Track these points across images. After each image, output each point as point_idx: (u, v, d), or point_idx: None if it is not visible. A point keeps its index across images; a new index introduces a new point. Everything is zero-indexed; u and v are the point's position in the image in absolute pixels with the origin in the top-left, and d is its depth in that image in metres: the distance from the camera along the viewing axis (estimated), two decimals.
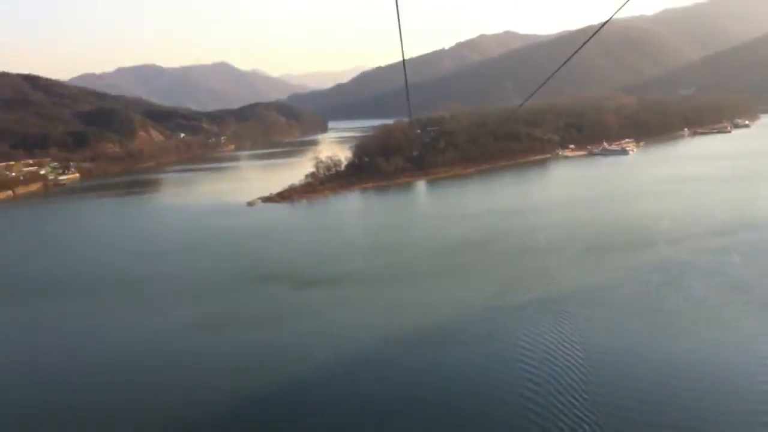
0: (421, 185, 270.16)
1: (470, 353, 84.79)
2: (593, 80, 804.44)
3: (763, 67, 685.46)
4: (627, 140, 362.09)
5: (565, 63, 38.22)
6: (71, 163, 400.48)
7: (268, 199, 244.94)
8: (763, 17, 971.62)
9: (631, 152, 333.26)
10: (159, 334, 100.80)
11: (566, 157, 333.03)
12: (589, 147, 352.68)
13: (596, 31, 34.53)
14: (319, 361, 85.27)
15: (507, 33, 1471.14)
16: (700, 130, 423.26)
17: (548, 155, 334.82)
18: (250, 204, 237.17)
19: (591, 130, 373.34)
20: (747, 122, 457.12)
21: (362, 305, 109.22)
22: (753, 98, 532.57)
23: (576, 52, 35.82)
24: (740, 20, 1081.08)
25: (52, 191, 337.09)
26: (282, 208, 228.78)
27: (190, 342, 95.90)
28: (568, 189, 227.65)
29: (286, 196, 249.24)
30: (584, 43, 34.82)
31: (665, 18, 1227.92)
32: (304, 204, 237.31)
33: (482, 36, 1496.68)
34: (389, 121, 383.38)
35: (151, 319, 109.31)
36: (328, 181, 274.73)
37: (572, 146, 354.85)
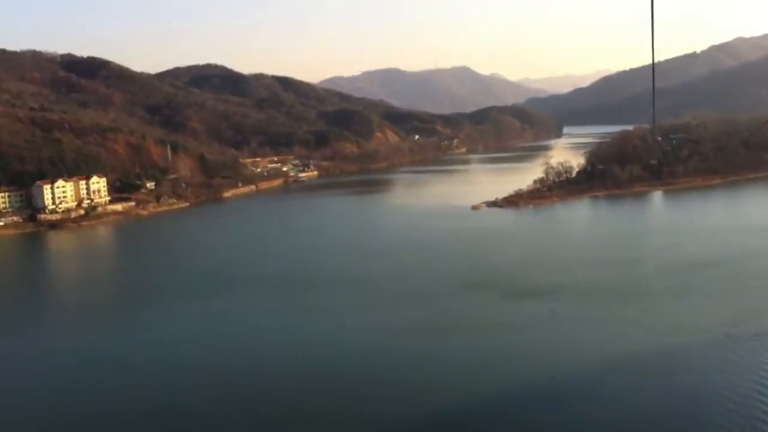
0: (657, 196, 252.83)
1: (698, 383, 75.97)
2: None
3: None
4: None
5: None
6: (311, 161, 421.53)
7: (493, 204, 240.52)
8: None
9: None
10: (382, 333, 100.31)
11: None
12: None
13: None
14: (526, 377, 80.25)
15: (766, 36, 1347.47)
16: None
17: None
18: (474, 208, 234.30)
19: None
20: None
21: (578, 322, 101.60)
22: None
23: None
24: None
25: (291, 187, 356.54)
26: (506, 214, 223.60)
27: (413, 342, 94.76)
28: None
29: (512, 201, 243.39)
30: None
31: None
32: (530, 210, 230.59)
33: (739, 39, 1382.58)
34: (628, 128, 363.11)
35: (371, 317, 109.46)
36: (556, 188, 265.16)
37: None
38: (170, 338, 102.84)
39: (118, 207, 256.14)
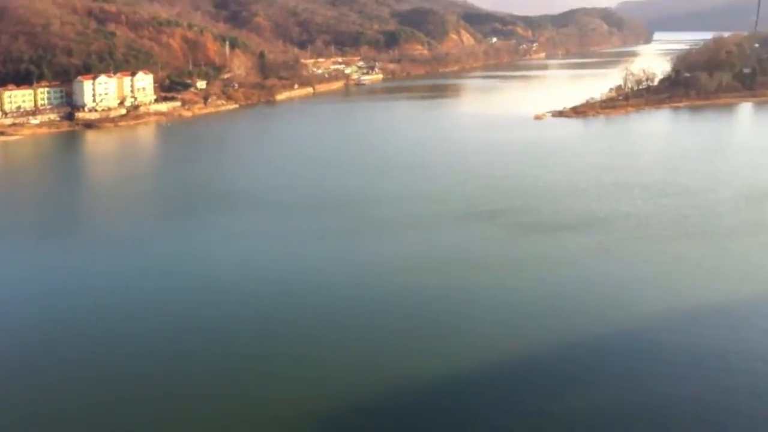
0: (746, 108, 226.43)
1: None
2: None
3: None
4: None
5: None
6: (376, 63, 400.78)
7: (559, 113, 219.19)
8: None
9: None
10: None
11: None
12: None
13: None
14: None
15: None
16: None
17: None
18: (537, 117, 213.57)
19: None
20: None
21: (628, 262, 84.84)
22: None
23: None
24: None
25: (351, 90, 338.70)
26: (571, 124, 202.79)
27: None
28: None
29: (580, 111, 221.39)
30: None
31: None
32: (599, 121, 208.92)
33: None
34: (725, 35, 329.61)
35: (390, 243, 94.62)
36: (634, 97, 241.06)
37: None
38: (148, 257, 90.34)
39: (162, 107, 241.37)
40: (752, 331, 64.51)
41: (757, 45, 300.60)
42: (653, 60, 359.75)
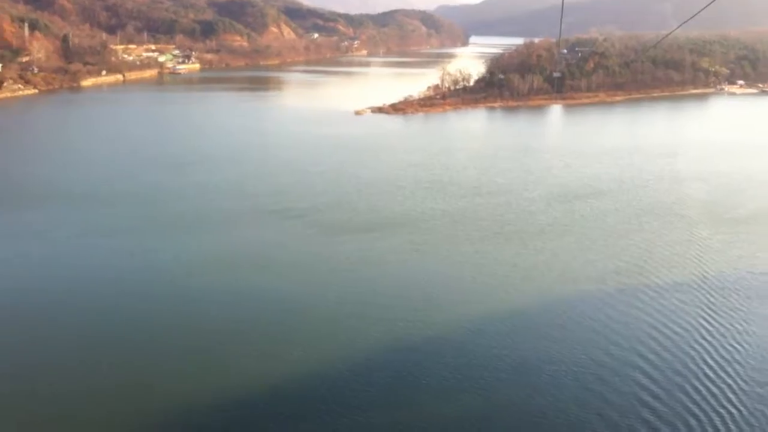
0: (556, 109, 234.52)
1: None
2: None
3: None
4: None
5: None
6: (192, 53, 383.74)
7: (379, 110, 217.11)
8: None
9: None
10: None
11: (732, 94, 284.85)
12: (760, 85, 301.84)
13: None
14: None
15: None
16: None
17: (710, 90, 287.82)
18: (357, 113, 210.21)
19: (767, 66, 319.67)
20: None
21: (441, 260, 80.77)
22: None
23: None
24: None
25: (165, 79, 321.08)
26: (390, 120, 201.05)
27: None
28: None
29: (399, 108, 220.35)
30: None
31: None
32: (418, 118, 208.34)
33: None
34: (535, 40, 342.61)
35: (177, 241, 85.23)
36: (452, 96, 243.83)
37: (741, 82, 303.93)
38: None
39: None
40: (564, 331, 62.58)
41: (564, 51, 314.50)
42: (470, 62, 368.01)
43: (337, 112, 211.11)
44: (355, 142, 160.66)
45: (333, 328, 61.95)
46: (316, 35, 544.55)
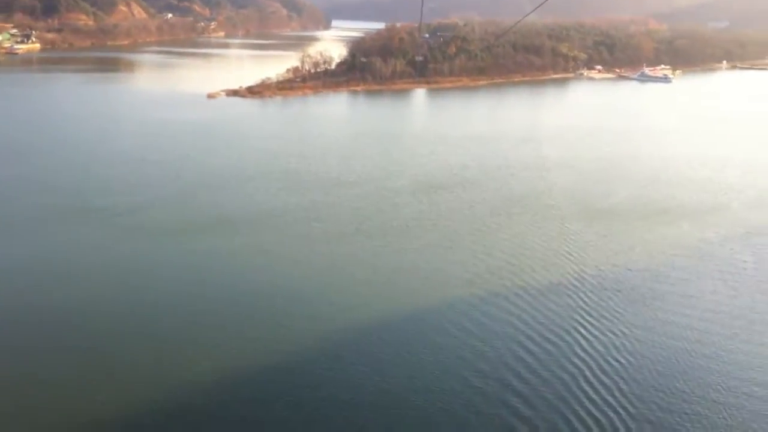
0: (419, 93, 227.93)
1: None
2: (621, 2, 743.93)
3: None
4: (663, 66, 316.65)
5: None
6: (32, 32, 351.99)
7: (234, 93, 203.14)
8: None
9: (673, 80, 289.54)
10: None
11: (591, 79, 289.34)
12: (617, 70, 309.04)
13: None
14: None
15: None
16: (740, 65, 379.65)
17: (570, 74, 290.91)
18: (210, 96, 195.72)
19: (622, 51, 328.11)
20: None
21: (283, 262, 70.06)
22: None
23: None
24: None
25: (1, 60, 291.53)
26: (245, 104, 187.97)
27: None
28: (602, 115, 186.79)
29: (256, 91, 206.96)
30: None
31: None
32: (276, 101, 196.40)
33: None
34: (399, 24, 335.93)
35: None
36: (312, 79, 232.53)
37: (599, 67, 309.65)
38: None
39: None
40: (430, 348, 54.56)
41: (427, 35, 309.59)
42: (331, 45, 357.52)
43: (189, 95, 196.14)
44: (204, 128, 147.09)
45: (153, 360, 50.49)
46: (170, 15, 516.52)
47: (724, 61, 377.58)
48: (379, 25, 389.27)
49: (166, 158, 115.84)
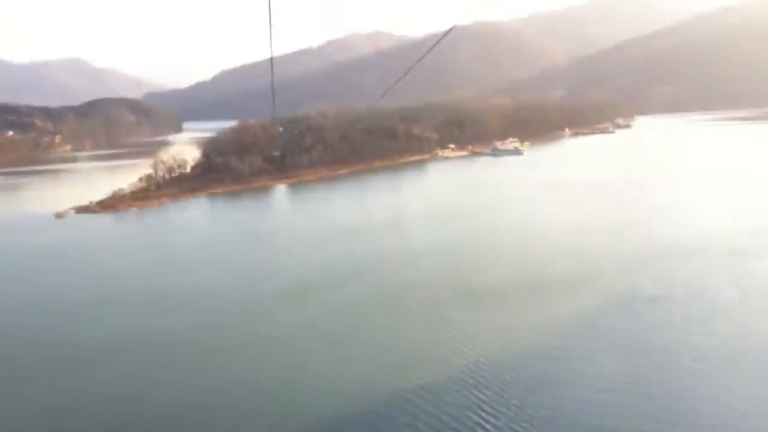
0: (280, 189, 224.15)
1: None
2: (464, 81, 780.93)
3: (630, 69, 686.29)
4: (512, 139, 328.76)
5: (422, 58, 38.99)
6: None
7: (84, 209, 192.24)
8: (630, 21, 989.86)
9: (524, 152, 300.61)
10: None
11: (446, 158, 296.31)
12: (470, 147, 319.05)
13: (447, 32, 34.49)
14: None
15: (378, 33, 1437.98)
16: (582, 131, 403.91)
17: (426, 156, 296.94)
18: (59, 216, 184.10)
19: (472, 128, 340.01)
20: (627, 123, 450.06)
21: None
22: (625, 100, 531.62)
23: (431, 49, 36.67)
24: (607, 23, 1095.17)
25: None
26: (98, 220, 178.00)
27: None
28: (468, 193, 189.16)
29: (108, 204, 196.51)
30: (438, 41, 35.41)
31: (533, 20, 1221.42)
32: (132, 214, 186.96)
33: (353, 35, 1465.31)
34: (252, 121, 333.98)
35: None
36: (168, 186, 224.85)
37: (452, 146, 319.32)
38: None
39: None
40: None
41: (281, 129, 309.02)
42: (185, 148, 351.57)
43: (34, 216, 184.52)
44: (40, 253, 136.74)
45: None
46: (10, 133, 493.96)
47: (567, 129, 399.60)
48: (232, 124, 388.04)
49: None
